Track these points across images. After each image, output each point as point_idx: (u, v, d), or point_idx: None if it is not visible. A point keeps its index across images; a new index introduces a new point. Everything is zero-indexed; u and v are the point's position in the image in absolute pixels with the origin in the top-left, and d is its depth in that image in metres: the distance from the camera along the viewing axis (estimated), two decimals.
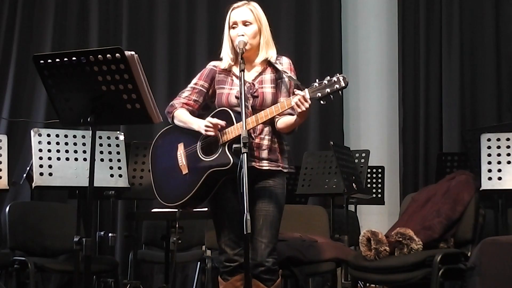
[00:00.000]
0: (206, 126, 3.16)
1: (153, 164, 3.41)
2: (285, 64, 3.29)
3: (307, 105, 3.01)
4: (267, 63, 3.31)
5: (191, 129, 3.26)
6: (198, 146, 3.24)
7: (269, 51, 3.28)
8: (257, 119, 3.11)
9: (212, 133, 3.15)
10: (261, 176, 3.21)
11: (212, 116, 3.25)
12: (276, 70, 3.28)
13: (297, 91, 3.07)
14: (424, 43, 6.54)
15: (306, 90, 3.03)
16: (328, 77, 3.02)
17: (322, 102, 3.03)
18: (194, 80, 3.38)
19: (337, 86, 2.99)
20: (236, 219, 3.18)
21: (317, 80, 3.04)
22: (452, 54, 6.43)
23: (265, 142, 3.21)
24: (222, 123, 3.15)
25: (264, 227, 3.17)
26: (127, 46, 6.21)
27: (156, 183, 3.37)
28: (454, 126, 6.32)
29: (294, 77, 3.22)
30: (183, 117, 3.30)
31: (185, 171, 3.26)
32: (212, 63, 3.39)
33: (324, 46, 6.73)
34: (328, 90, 3.00)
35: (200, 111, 3.35)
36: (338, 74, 3.02)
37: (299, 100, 3.01)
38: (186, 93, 3.36)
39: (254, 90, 3.24)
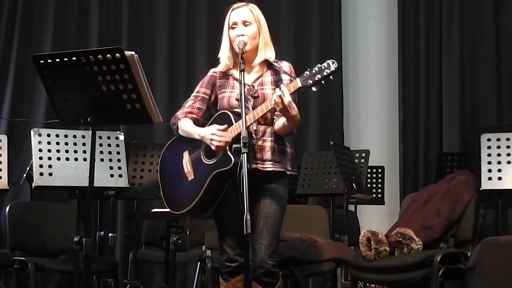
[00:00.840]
0: (213, 139, 3.14)
1: (161, 176, 3.42)
2: (285, 67, 3.29)
3: (285, 101, 2.97)
4: (267, 65, 3.31)
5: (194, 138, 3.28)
6: (201, 151, 3.26)
7: (267, 52, 3.28)
8: (254, 116, 3.11)
9: (219, 144, 3.14)
10: (264, 178, 3.21)
11: (213, 121, 3.27)
12: (275, 73, 3.28)
13: (277, 90, 3.04)
14: (424, 43, 6.54)
15: (298, 79, 3.03)
16: (319, 64, 3.02)
17: (314, 89, 3.02)
18: (196, 89, 3.40)
19: (327, 71, 2.98)
20: (237, 219, 3.18)
21: (308, 69, 3.04)
22: (452, 54, 6.43)
23: (268, 144, 3.21)
24: (228, 137, 3.14)
25: (265, 229, 3.16)
26: (127, 46, 6.21)
27: (165, 194, 3.37)
28: (454, 126, 6.33)
29: (292, 75, 3.22)
30: (186, 127, 3.31)
31: (191, 177, 3.26)
32: (212, 70, 3.40)
33: (324, 47, 6.73)
34: (319, 76, 2.99)
35: (204, 120, 3.36)
36: (328, 60, 3.02)
37: (277, 97, 2.99)
38: (189, 102, 3.38)
39: (254, 91, 3.24)
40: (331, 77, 3.00)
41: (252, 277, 3.10)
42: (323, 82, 3.00)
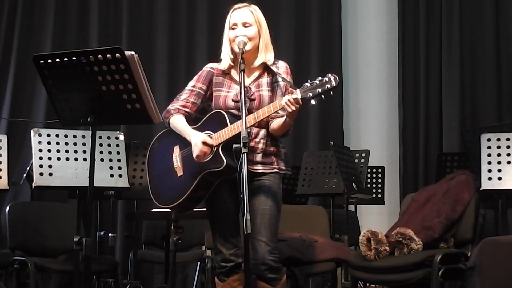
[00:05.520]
0: (195, 148, 3.15)
1: (149, 167, 3.42)
2: (281, 67, 3.29)
3: (297, 105, 3.01)
4: (264, 67, 3.31)
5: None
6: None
7: (267, 54, 3.28)
8: (254, 118, 3.11)
9: (198, 158, 3.15)
10: (255, 176, 3.21)
11: (207, 119, 3.27)
12: (272, 74, 3.28)
13: (290, 93, 3.06)
14: (424, 44, 6.54)
15: (298, 90, 3.03)
16: (320, 77, 3.02)
17: (313, 102, 3.02)
18: (192, 83, 3.37)
19: (328, 86, 2.98)
20: (232, 219, 3.20)
21: (308, 80, 3.04)
22: (452, 54, 6.43)
23: (260, 146, 3.22)
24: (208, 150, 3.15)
25: (263, 226, 3.16)
26: (127, 46, 6.21)
27: (152, 185, 3.38)
28: (454, 126, 6.32)
29: (289, 79, 3.22)
30: (177, 124, 3.30)
31: (180, 173, 3.27)
32: (210, 65, 3.38)
33: (324, 47, 6.72)
34: (319, 90, 2.99)
35: (197, 114, 3.36)
36: (329, 74, 3.01)
37: (289, 100, 3.00)
38: (184, 95, 3.36)
39: (251, 94, 3.24)
40: (331, 92, 2.99)
41: (256, 276, 3.12)
42: (323, 96, 3.00)
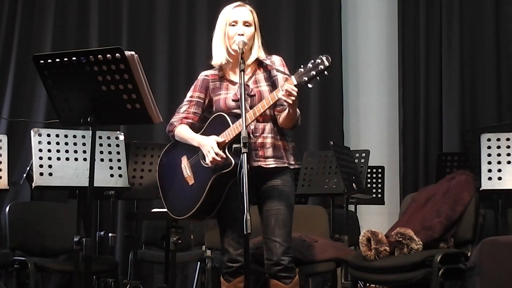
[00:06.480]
0: (209, 152, 3.14)
1: (161, 182, 3.43)
2: (276, 61, 3.32)
3: (295, 93, 3.01)
4: (257, 63, 3.33)
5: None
6: (200, 155, 3.26)
7: (260, 53, 3.31)
8: (254, 113, 3.13)
9: (213, 161, 3.15)
10: (268, 175, 3.24)
11: (209, 124, 3.29)
12: (266, 69, 3.30)
13: (286, 84, 3.06)
14: (424, 43, 6.54)
15: (293, 76, 3.04)
16: (312, 60, 3.03)
17: (309, 85, 3.03)
18: (189, 93, 3.42)
19: (322, 66, 3.00)
20: (239, 220, 3.19)
21: (302, 65, 3.05)
22: (452, 54, 6.43)
23: (269, 140, 3.24)
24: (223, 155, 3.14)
25: (277, 227, 3.20)
26: (127, 46, 6.21)
27: (166, 200, 3.38)
28: (454, 126, 6.32)
29: (283, 70, 3.25)
30: (183, 134, 3.33)
31: (191, 182, 3.28)
32: (203, 73, 3.43)
33: (324, 46, 6.72)
34: (314, 72, 3.01)
35: (199, 123, 3.38)
36: (321, 55, 3.03)
37: (286, 90, 3.01)
38: (184, 107, 3.40)
39: (250, 90, 3.26)
40: (325, 72, 3.00)
41: (269, 275, 3.20)
42: (318, 78, 3.01)
